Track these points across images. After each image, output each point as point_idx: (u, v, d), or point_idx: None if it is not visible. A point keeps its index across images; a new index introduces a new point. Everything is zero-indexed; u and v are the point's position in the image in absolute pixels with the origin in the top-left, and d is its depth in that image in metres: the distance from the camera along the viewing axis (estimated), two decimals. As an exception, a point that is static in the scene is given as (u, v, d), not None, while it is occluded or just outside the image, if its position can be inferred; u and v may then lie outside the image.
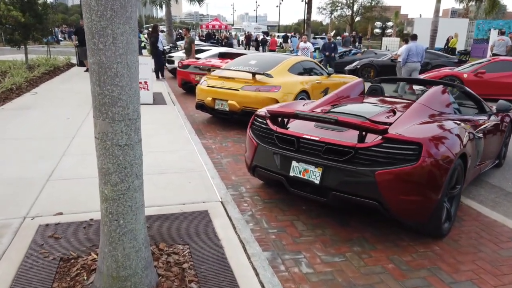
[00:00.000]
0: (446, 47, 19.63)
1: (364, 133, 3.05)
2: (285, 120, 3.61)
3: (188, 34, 13.29)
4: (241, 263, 2.54)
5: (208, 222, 3.10)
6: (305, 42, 13.70)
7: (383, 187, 2.89)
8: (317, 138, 3.20)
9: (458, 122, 3.49)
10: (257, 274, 2.44)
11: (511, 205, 4.11)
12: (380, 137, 3.00)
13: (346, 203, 3.22)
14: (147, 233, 2.22)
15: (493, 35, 19.60)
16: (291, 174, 3.32)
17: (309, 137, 3.25)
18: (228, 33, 36.65)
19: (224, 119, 7.36)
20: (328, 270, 2.76)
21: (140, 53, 15.58)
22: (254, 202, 3.84)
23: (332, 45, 14.40)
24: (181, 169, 4.42)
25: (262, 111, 3.81)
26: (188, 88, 10.40)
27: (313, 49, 13.94)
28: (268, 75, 6.47)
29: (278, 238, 3.17)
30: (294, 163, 3.32)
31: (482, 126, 4.09)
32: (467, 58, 16.57)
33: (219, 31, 42.40)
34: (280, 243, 3.10)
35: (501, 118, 4.77)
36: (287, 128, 3.53)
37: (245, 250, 2.75)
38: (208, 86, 6.86)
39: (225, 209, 3.40)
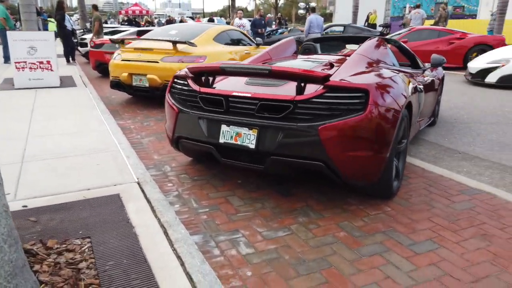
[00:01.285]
0: (366, 23, 20.20)
1: (303, 84, 2.58)
2: (210, 79, 3.03)
3: (95, 11, 11.88)
4: (161, 252, 1.95)
5: (119, 208, 2.45)
6: (240, 18, 12.65)
7: (328, 144, 2.46)
8: (249, 95, 2.67)
9: (399, 72, 3.18)
10: (182, 264, 1.88)
11: (452, 160, 3.98)
12: (321, 87, 2.55)
13: (287, 169, 2.75)
14: (13, 228, 1.53)
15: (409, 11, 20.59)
16: (221, 140, 2.77)
17: (239, 94, 2.71)
18: (151, 18, 34.69)
19: (146, 98, 6.57)
20: (272, 248, 2.28)
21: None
22: (181, 181, 3.24)
23: (262, 21, 13.91)
24: (89, 150, 3.65)
25: (182, 71, 3.19)
26: (104, 70, 9.29)
27: (249, 27, 12.98)
28: (192, 44, 5.79)
29: (211, 218, 2.62)
30: (224, 128, 2.77)
31: (421, 79, 3.87)
32: (388, 31, 17.15)
33: (140, 17, 40.00)
34: (213, 223, 2.56)
35: (434, 75, 4.64)
36: (213, 88, 2.96)
37: (167, 235, 2.16)
38: (122, 60, 6.00)
39: (143, 191, 2.76)
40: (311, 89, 2.59)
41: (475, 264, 2.13)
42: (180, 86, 3.11)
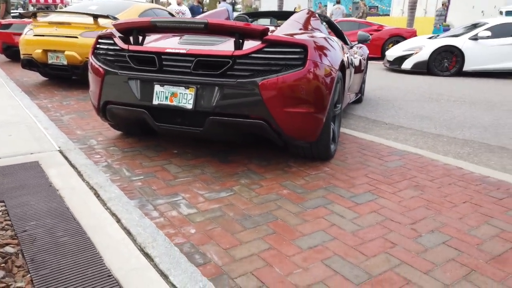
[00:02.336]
0: (292, 18, 20.87)
1: (241, 40, 2.48)
2: (140, 38, 2.80)
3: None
4: (92, 211, 1.73)
5: (38, 173, 2.14)
6: (179, 5, 12.00)
7: (269, 99, 2.39)
8: (184, 51, 2.51)
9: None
10: (118, 220, 1.68)
11: (380, 129, 4.18)
12: (260, 42, 2.48)
13: (227, 131, 2.64)
14: None
15: (329, 7, 21.65)
16: (155, 102, 2.57)
17: (173, 51, 2.53)
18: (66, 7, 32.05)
19: (64, 79, 6.00)
20: (216, 207, 2.16)
21: None
22: (110, 153, 2.97)
23: (200, 9, 13.52)
24: (-2, 124, 3.20)
25: (107, 30, 2.91)
26: (13, 54, 8.34)
27: (190, 15, 12.27)
28: (115, 19, 5.39)
29: (147, 184, 2.42)
30: (157, 88, 2.57)
31: (350, 53, 4.01)
32: (312, 26, 17.75)
33: (53, 6, 36.79)
34: (150, 188, 2.36)
35: (361, 53, 4.85)
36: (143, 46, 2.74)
37: (98, 196, 1.93)
38: (35, 36, 5.40)
39: (66, 158, 2.46)
40: (250, 45, 2.51)
41: (412, 209, 2.22)
42: (105, 46, 2.83)
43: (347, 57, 3.49)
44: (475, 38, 8.24)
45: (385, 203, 2.28)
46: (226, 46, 2.62)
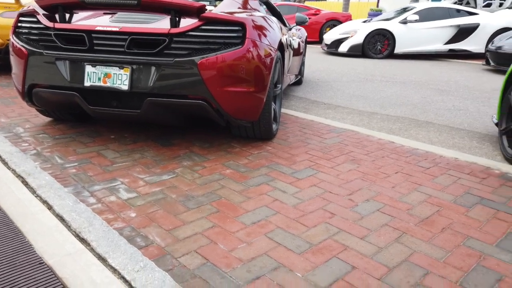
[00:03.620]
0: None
1: (177, 17, 2.40)
2: (67, 15, 2.60)
3: None
4: (19, 198, 1.60)
5: (-46, 164, 1.94)
6: None
7: (208, 78, 2.35)
8: (117, 29, 2.38)
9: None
10: (50, 207, 1.57)
11: (319, 109, 4.31)
12: (196, 20, 2.42)
13: (166, 112, 2.57)
14: None
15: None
16: (87, 84, 2.42)
17: (105, 29, 2.39)
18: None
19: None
20: (157, 190, 2.10)
21: None
22: (39, 140, 2.77)
23: None
24: None
25: (29, 7, 2.67)
26: None
27: None
28: (39, -3, 4.96)
29: (82, 171, 2.29)
30: (89, 68, 2.42)
31: (290, 33, 4.06)
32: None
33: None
34: (85, 175, 2.24)
35: (299, 35, 4.92)
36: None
37: (26, 184, 1.79)
38: None
39: (-12, 147, 2.25)
40: (187, 22, 2.44)
41: (349, 181, 2.32)
42: (28, 25, 2.60)
43: (286, 38, 3.53)
44: (404, 22, 8.73)
45: (324, 177, 2.36)
46: (162, 24, 2.53)
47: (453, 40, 8.75)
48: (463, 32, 8.66)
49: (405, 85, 5.83)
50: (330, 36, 9.53)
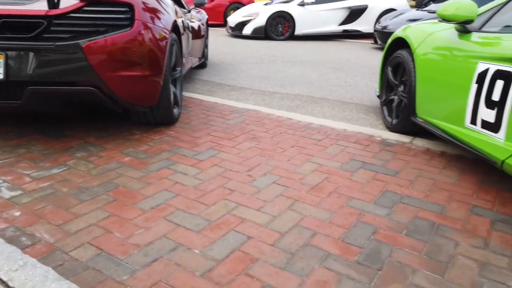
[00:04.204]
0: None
1: (54, -2, 2.21)
2: None
3: None
4: None
5: None
6: None
7: (97, 63, 2.23)
8: (-18, 11, 2.12)
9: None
10: None
11: (224, 91, 4.36)
12: (78, 0, 2.26)
13: (53, 101, 2.38)
14: None
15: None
16: (-50, 74, 2.13)
17: (-34, 11, 2.11)
18: None
19: None
20: (46, 185, 1.96)
21: None
22: None
23: None
24: None
25: None
26: None
27: None
28: None
29: (-47, 173, 2.04)
30: (-50, 57, 2.13)
31: (188, 17, 3.99)
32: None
33: None
34: (-42, 177, 2.00)
35: (199, 18, 4.87)
36: None
37: None
38: None
39: None
40: (68, 3, 2.26)
41: (249, 158, 2.41)
42: None
43: (182, 20, 3.47)
44: (302, 4, 9.13)
45: (225, 157, 2.42)
46: (39, 5, 2.31)
47: (346, 21, 9.41)
48: (354, 14, 9.36)
49: (304, 64, 6.15)
50: (233, 18, 9.59)
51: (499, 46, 1.97)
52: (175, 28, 2.95)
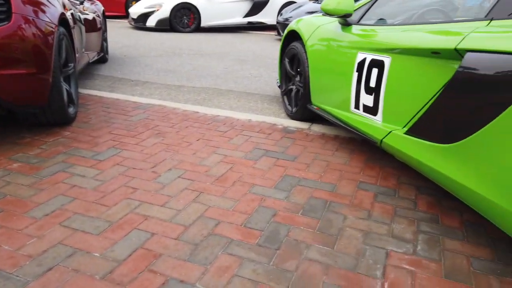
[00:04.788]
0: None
1: None
2: None
3: None
4: None
5: None
6: None
7: (-31, 62, 2.00)
8: None
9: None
10: None
11: (127, 87, 4.19)
12: None
13: None
14: None
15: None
16: None
17: None
18: None
19: None
20: None
21: None
22: None
23: None
24: None
25: None
26: None
27: None
28: None
29: None
30: None
31: (80, 9, 3.74)
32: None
33: None
34: None
35: (94, 10, 4.59)
36: None
37: None
38: None
39: None
40: None
41: (153, 155, 2.38)
42: None
43: (72, 13, 3.24)
44: (206, -4, 9.09)
45: (128, 154, 2.36)
46: None
47: (250, 13, 9.61)
48: (257, 6, 9.60)
49: (210, 57, 6.17)
50: (135, 10, 9.19)
51: (374, 38, 2.21)
52: (63, 21, 2.75)
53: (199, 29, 9.25)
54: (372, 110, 2.18)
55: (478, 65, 1.44)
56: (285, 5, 9.89)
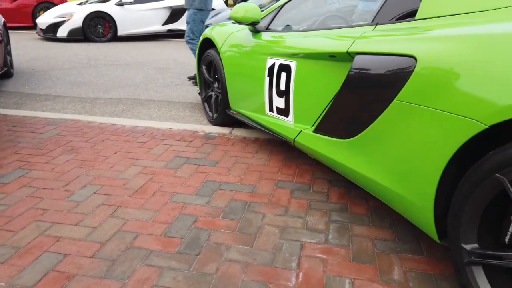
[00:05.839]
0: None
1: None
2: None
3: None
4: None
5: None
6: None
7: None
8: None
9: None
10: None
11: (35, 102, 3.91)
12: None
13: None
14: None
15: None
16: None
17: None
18: None
19: None
20: None
21: None
22: None
23: None
24: None
25: None
26: None
27: None
28: None
29: None
30: None
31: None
32: None
33: None
34: None
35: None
36: None
37: None
38: None
39: None
40: None
41: (66, 172, 2.26)
42: None
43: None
44: (120, 4, 8.79)
45: (37, 174, 2.21)
46: None
47: (169, 20, 9.47)
48: (176, 13, 9.49)
49: (128, 66, 5.99)
50: (43, 20, 8.59)
51: (280, 44, 2.34)
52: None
53: (116, 38, 8.91)
54: (284, 112, 2.29)
55: (366, 66, 1.60)
56: (204, 12, 9.90)
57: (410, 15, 1.62)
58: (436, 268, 1.51)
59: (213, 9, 9.99)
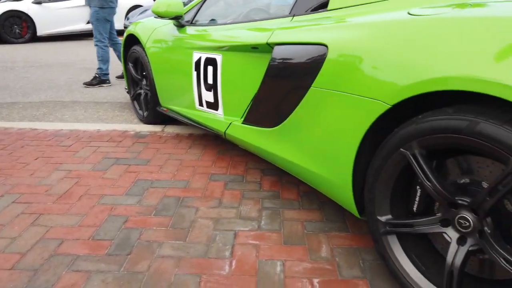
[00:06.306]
0: None
1: None
2: None
3: None
4: None
5: None
6: None
7: None
8: None
9: None
10: None
11: None
12: None
13: None
14: None
15: None
16: None
17: None
18: None
19: None
20: None
21: None
22: None
23: None
24: None
25: None
26: None
27: None
28: None
29: None
30: None
31: None
32: None
33: None
34: None
35: None
36: None
37: None
38: None
39: None
40: None
41: (-20, 183, 2.08)
42: None
43: None
44: (38, 2, 8.19)
45: None
46: None
47: (94, 19, 9.00)
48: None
49: (51, 68, 5.62)
50: None
51: (205, 37, 2.33)
52: None
53: (36, 38, 8.30)
54: (213, 106, 2.30)
55: (284, 56, 1.65)
56: (132, 8, 9.57)
57: (324, 6, 1.71)
58: (360, 242, 1.62)
59: (140, 6, 9.70)
